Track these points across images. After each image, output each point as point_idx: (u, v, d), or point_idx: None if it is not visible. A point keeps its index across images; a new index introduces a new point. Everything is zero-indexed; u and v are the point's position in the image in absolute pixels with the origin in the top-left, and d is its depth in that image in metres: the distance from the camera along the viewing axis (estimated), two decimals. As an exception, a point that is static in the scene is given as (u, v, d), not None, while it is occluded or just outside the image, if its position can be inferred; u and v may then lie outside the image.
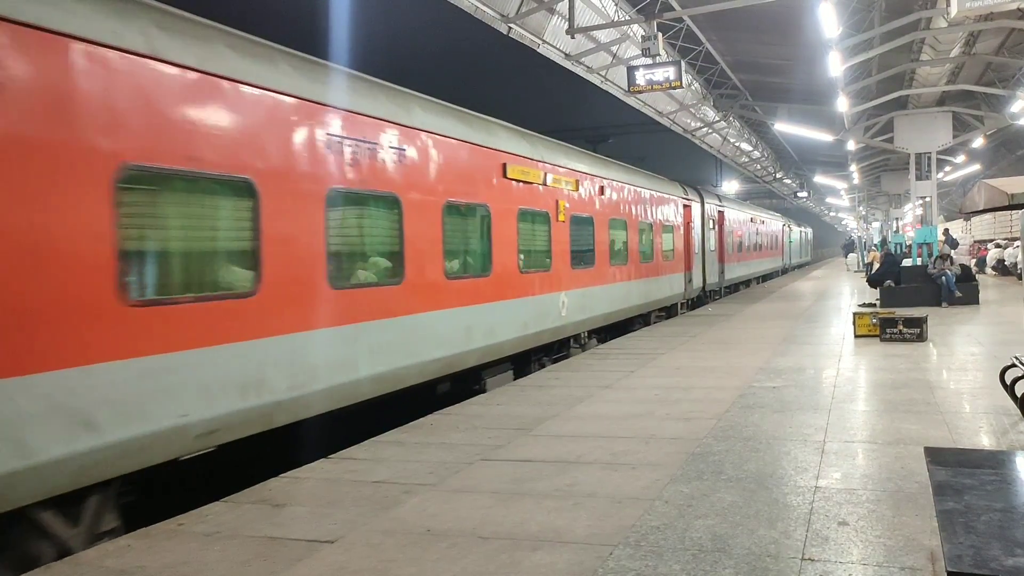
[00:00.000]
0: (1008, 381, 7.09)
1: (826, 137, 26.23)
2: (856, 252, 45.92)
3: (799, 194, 54.10)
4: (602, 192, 13.91)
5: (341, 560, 4.15)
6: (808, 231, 64.22)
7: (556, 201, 11.92)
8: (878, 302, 18.30)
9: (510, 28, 15.05)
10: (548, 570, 3.90)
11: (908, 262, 21.59)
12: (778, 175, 48.32)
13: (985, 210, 7.09)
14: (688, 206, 20.46)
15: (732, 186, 50.90)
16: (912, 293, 18.24)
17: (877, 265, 23.84)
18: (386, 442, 6.85)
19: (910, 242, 25.36)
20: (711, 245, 23.25)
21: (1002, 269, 29.38)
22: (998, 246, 30.96)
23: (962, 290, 18.00)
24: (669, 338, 13.66)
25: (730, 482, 5.19)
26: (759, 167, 43.86)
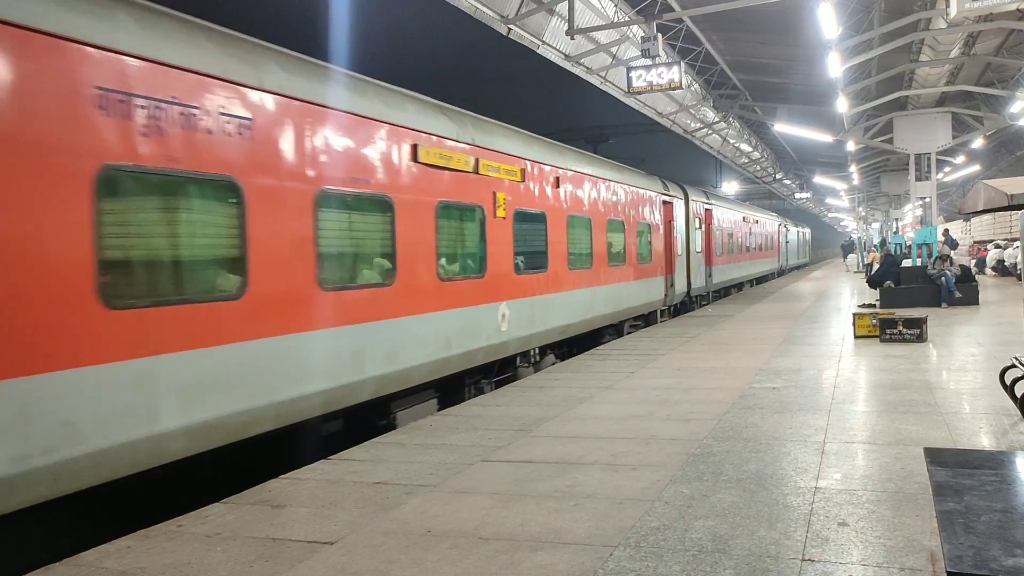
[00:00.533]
0: (1008, 381, 7.10)
1: (826, 138, 26.27)
2: (856, 253, 45.94)
3: (799, 195, 54.21)
4: (558, 185, 12.06)
5: (342, 561, 4.15)
6: (806, 231, 63.16)
7: (493, 194, 9.98)
8: (878, 303, 18.32)
9: (510, 29, 15.07)
10: (549, 571, 3.90)
11: (908, 263, 21.60)
12: (778, 176, 48.39)
13: (985, 211, 7.10)
14: (669, 203, 18.95)
15: (732, 187, 50.94)
16: (912, 294, 18.26)
17: (877, 266, 23.85)
18: (386, 443, 6.86)
19: (910, 243, 25.37)
20: (697, 246, 21.70)
21: (1002, 270, 29.39)
22: (998, 247, 30.96)
23: (962, 291, 18.02)
24: (669, 339, 13.67)
25: (730, 483, 5.20)
26: (759, 168, 43.92)
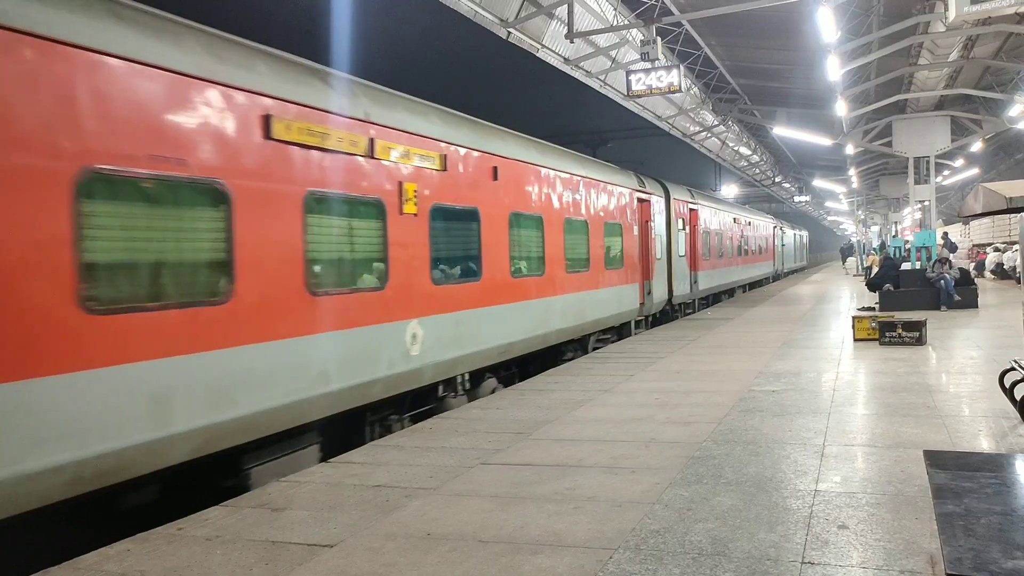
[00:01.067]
0: (1007, 384, 7.10)
1: (825, 141, 26.31)
2: (855, 256, 45.96)
3: (798, 198, 54.28)
4: (496, 176, 10.10)
5: (342, 564, 4.15)
6: (803, 234, 61.60)
7: (399, 185, 8.07)
8: (877, 306, 18.33)
9: (509, 32, 15.09)
10: (548, 574, 3.90)
11: (907, 266, 21.62)
12: (777, 179, 48.46)
13: (984, 214, 7.09)
14: (646, 201, 17.16)
15: (731, 190, 51.04)
16: (911, 297, 18.28)
17: (876, 269, 23.86)
18: (385, 446, 6.86)
19: (908, 246, 25.37)
20: (680, 249, 20.02)
21: (1001, 273, 29.40)
22: (997, 250, 30.96)
23: (961, 294, 18.03)
24: (668, 342, 13.67)
25: (730, 486, 5.20)
26: (758, 171, 43.98)
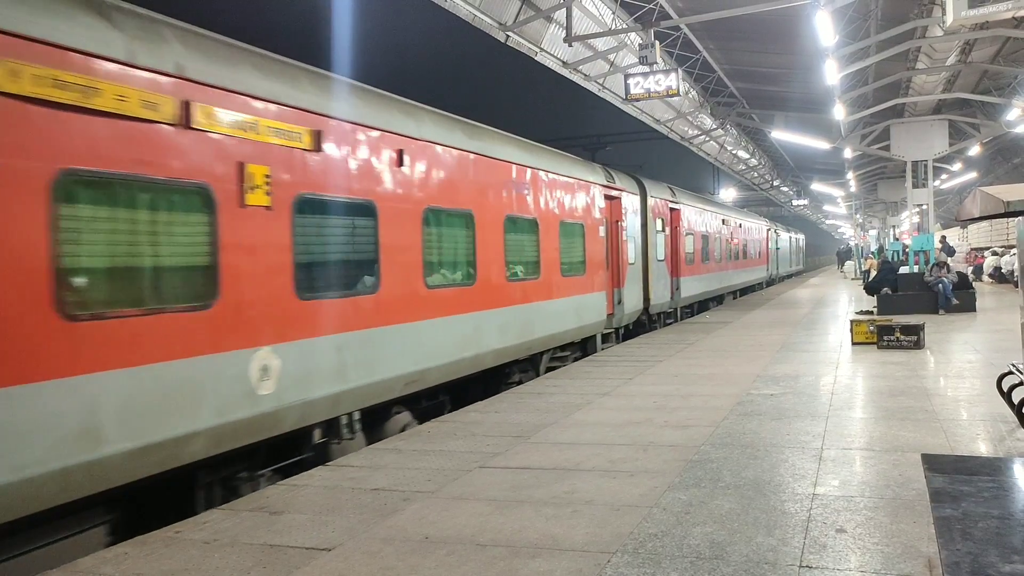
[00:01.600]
0: (1005, 388, 7.10)
1: (823, 145, 26.33)
2: (853, 260, 45.91)
3: (796, 202, 54.32)
4: (401, 162, 8.10)
5: (340, 568, 4.15)
6: (800, 237, 59.96)
7: (239, 166, 6.06)
8: (875, 309, 18.34)
9: (508, 36, 15.11)
10: (547, 577, 3.90)
11: (905, 269, 21.64)
12: (775, 183, 48.50)
13: (981, 218, 7.11)
14: (616, 198, 15.18)
15: (730, 193, 51.10)
16: (909, 300, 18.29)
17: (874, 272, 23.87)
18: (384, 449, 6.85)
19: (907, 249, 25.38)
20: (658, 253, 18.20)
21: (999, 276, 29.43)
22: (995, 254, 31.00)
23: (959, 297, 18.05)
24: (667, 345, 13.68)
25: (728, 489, 5.20)
26: (756, 175, 44.03)
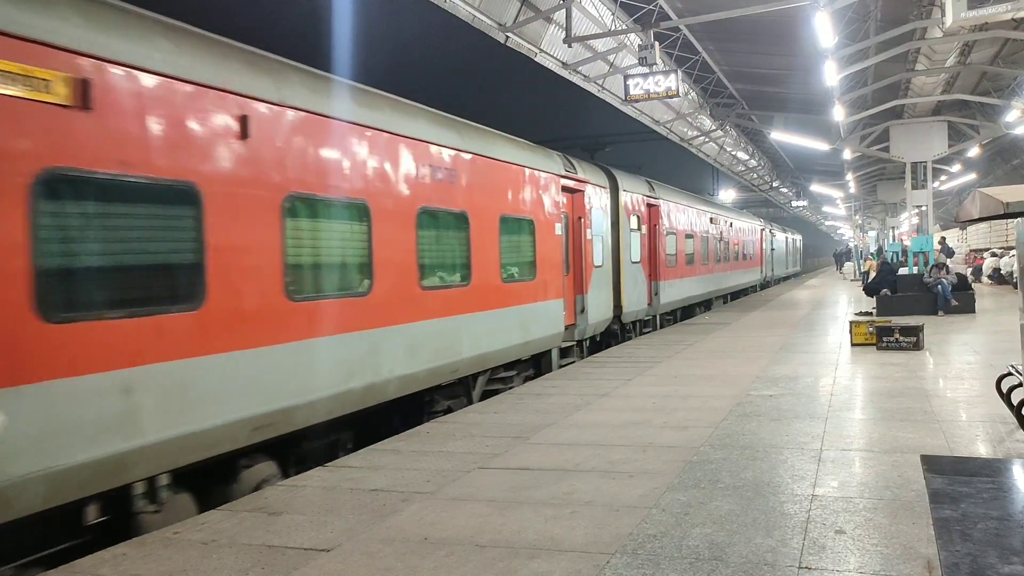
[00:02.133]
0: (1004, 389, 7.10)
1: (822, 146, 26.31)
2: (852, 261, 45.85)
3: (795, 203, 54.34)
4: (245, 131, 6.05)
5: (339, 568, 4.14)
6: (797, 237, 57.23)
7: None
8: (874, 311, 18.34)
9: (507, 37, 15.10)
10: (546, 578, 3.90)
11: (904, 271, 21.64)
12: (774, 184, 48.52)
13: (981, 219, 7.11)
14: (578, 192, 13.20)
15: (729, 195, 51.13)
16: (908, 302, 18.28)
17: (873, 274, 23.87)
18: (383, 450, 6.85)
19: (906, 250, 25.39)
20: (633, 254, 16.23)
21: (998, 278, 29.44)
22: (994, 255, 31.01)
23: (958, 299, 18.05)
24: (666, 346, 13.67)
25: (727, 490, 5.20)
26: (756, 176, 44.04)
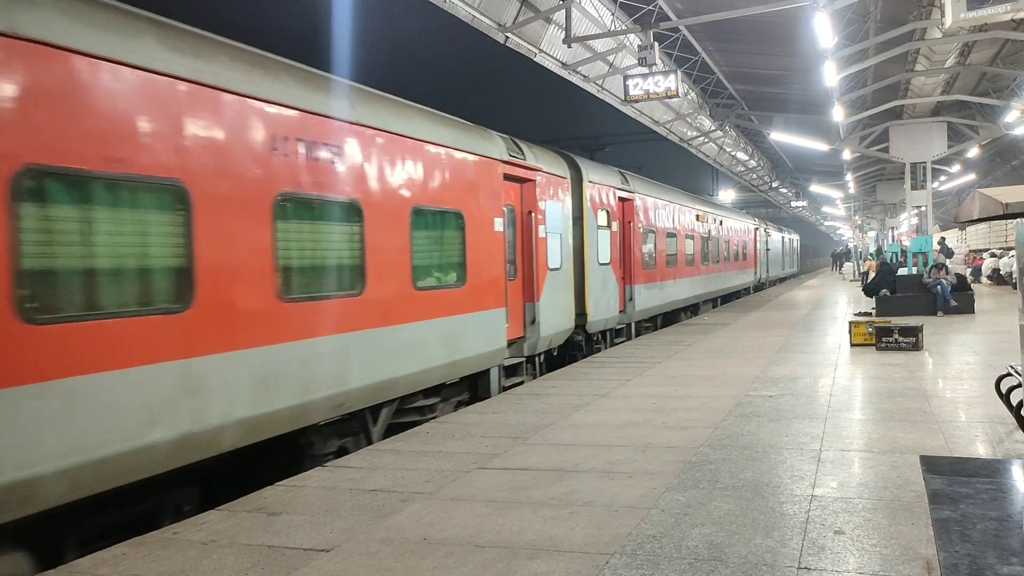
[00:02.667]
0: (1003, 390, 7.09)
1: (822, 147, 26.33)
2: (849, 261, 45.80)
3: (795, 203, 54.36)
4: None
5: (338, 569, 4.14)
6: (794, 237, 55.42)
7: None
8: (874, 311, 18.34)
9: (507, 37, 15.11)
10: (545, 579, 3.90)
11: (904, 271, 21.64)
12: (774, 184, 48.54)
13: (980, 219, 7.12)
14: (528, 181, 11.28)
15: (729, 195, 51.13)
16: (908, 302, 18.29)
17: (873, 274, 23.87)
18: (383, 450, 6.85)
19: (905, 250, 25.38)
20: (602, 254, 14.38)
21: (997, 278, 29.44)
22: (993, 255, 31.02)
23: (958, 299, 18.05)
24: (665, 347, 13.67)
25: (726, 491, 5.20)
26: (755, 176, 44.06)
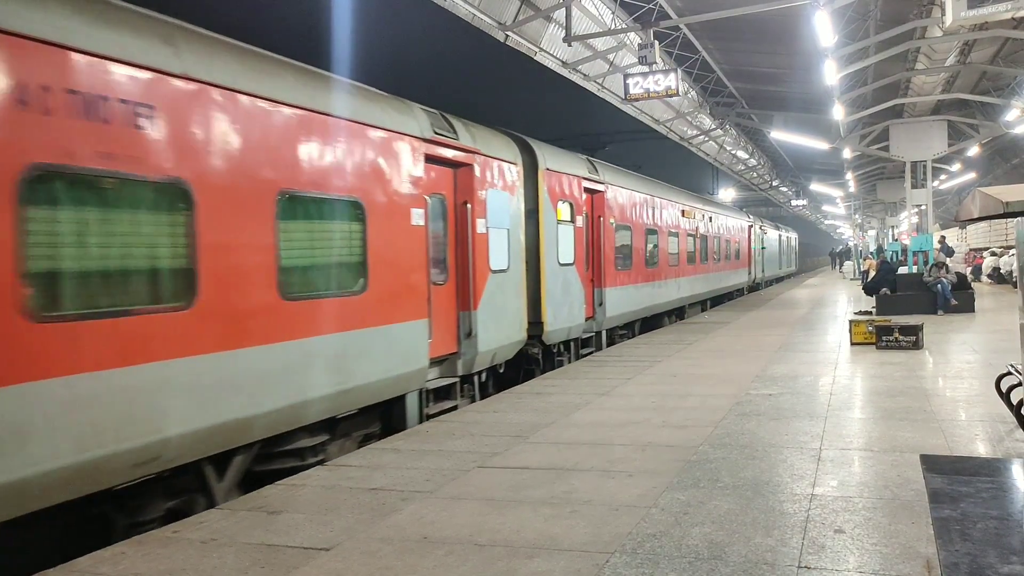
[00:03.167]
0: (1004, 389, 7.10)
1: (822, 145, 26.32)
2: (849, 259, 45.76)
3: (795, 202, 54.33)
4: None
5: (338, 568, 4.14)
6: (793, 236, 53.79)
7: None
8: (874, 310, 18.34)
9: (507, 36, 15.09)
10: (545, 578, 3.89)
11: (904, 270, 21.63)
12: (774, 183, 48.52)
13: (980, 218, 7.11)
14: (464, 166, 9.65)
15: (729, 194, 51.08)
16: (908, 301, 18.29)
17: (873, 273, 23.87)
18: (383, 449, 6.85)
19: (906, 249, 25.37)
20: (563, 253, 12.58)
21: (998, 277, 29.44)
22: (993, 254, 31.01)
23: (958, 298, 18.06)
24: (665, 345, 13.67)
25: (726, 490, 5.20)
26: (755, 175, 44.03)
